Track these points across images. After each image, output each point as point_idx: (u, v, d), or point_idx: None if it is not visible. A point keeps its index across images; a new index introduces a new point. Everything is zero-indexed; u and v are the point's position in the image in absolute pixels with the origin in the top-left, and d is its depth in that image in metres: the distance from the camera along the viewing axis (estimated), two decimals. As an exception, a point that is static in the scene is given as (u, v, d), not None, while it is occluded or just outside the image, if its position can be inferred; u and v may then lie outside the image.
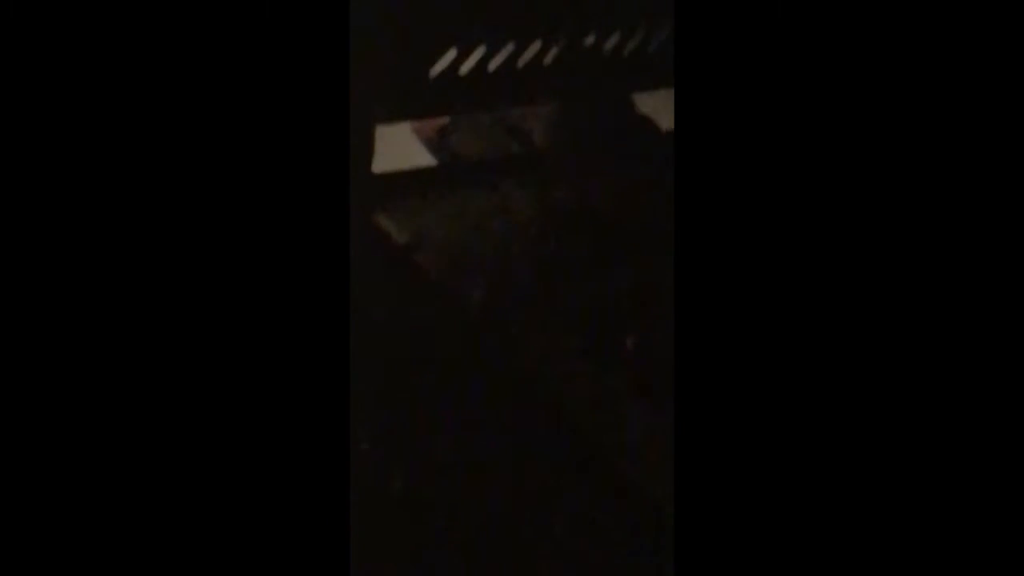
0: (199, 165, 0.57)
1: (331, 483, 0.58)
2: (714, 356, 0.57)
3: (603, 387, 0.88)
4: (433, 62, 1.06)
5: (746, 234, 0.57)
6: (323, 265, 0.58)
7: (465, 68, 1.07)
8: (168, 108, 0.57)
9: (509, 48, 1.08)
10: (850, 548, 0.56)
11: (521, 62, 1.09)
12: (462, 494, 0.87)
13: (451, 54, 1.06)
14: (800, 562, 0.56)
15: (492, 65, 1.08)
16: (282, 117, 0.58)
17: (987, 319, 0.56)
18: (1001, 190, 0.56)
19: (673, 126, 1.18)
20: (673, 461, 0.55)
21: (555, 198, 1.11)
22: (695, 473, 0.56)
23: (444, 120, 1.30)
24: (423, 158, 1.35)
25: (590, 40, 1.13)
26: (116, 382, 0.56)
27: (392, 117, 1.09)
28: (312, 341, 0.58)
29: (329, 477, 0.58)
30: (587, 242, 1.05)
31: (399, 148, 1.20)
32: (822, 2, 0.57)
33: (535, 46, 1.09)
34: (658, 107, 1.19)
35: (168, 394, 0.56)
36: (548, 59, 1.10)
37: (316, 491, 0.57)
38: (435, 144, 1.37)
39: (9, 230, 0.56)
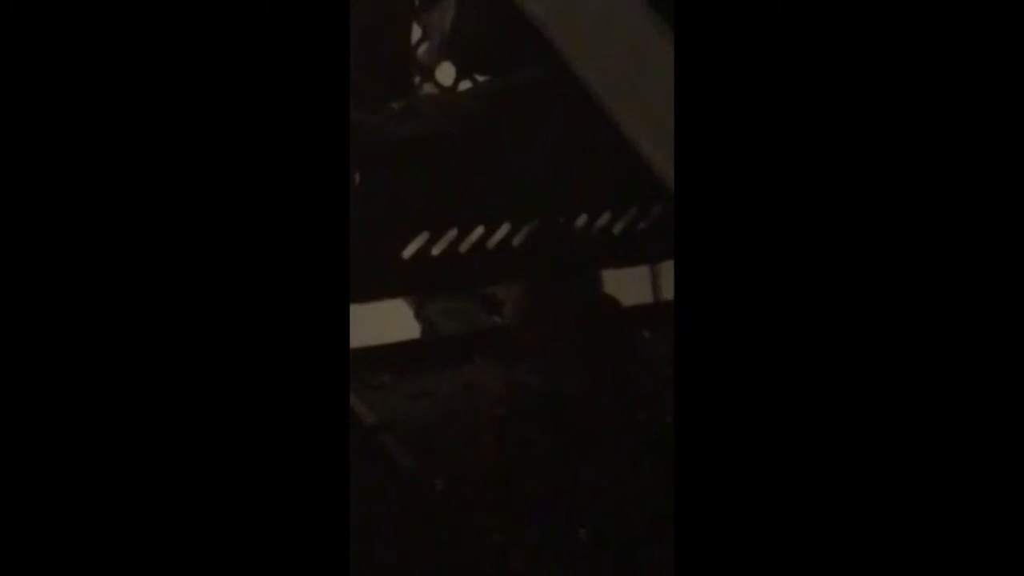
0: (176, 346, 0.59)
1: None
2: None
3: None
4: (406, 244, 1.10)
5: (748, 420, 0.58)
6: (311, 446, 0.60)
7: (437, 249, 1.11)
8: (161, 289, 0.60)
9: (479, 231, 1.12)
10: None
11: (491, 243, 1.13)
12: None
13: (423, 236, 1.10)
14: None
15: (463, 246, 1.12)
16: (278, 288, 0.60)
17: (987, 320, 0.57)
18: (1002, 194, 0.57)
19: (633, 303, 1.21)
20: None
21: (523, 378, 1.14)
22: None
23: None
24: (402, 329, 1.38)
25: (560, 221, 1.17)
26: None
27: (366, 297, 1.13)
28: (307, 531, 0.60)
29: None
30: (551, 427, 1.07)
31: (379, 317, 1.23)
32: (816, 185, 0.59)
33: (505, 227, 1.13)
34: (622, 285, 1.22)
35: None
36: (517, 240, 1.14)
37: None
38: (415, 313, 1.40)
39: (8, 229, 0.58)
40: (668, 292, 1.32)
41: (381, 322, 1.25)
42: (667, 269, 1.36)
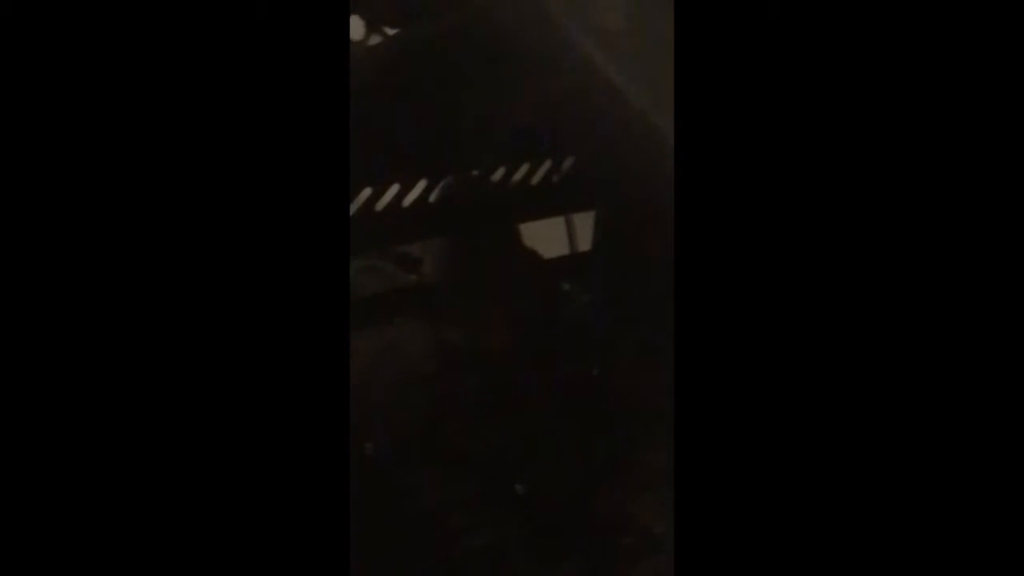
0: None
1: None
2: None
3: (498, 535, 0.89)
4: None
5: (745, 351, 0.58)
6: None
7: (353, 208, 1.09)
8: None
9: (394, 189, 1.10)
10: None
11: (407, 200, 1.11)
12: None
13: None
14: None
15: (379, 205, 1.10)
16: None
17: (987, 320, 0.57)
18: (1003, 193, 0.57)
19: (555, 255, 1.20)
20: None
21: (447, 335, 1.12)
22: None
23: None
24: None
25: (475, 174, 1.15)
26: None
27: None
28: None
29: None
30: (478, 383, 1.06)
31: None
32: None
33: (421, 184, 1.12)
34: (541, 237, 1.21)
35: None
36: (433, 196, 1.12)
37: None
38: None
39: (8, 229, 0.57)
40: (584, 243, 1.31)
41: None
42: (581, 220, 1.35)
